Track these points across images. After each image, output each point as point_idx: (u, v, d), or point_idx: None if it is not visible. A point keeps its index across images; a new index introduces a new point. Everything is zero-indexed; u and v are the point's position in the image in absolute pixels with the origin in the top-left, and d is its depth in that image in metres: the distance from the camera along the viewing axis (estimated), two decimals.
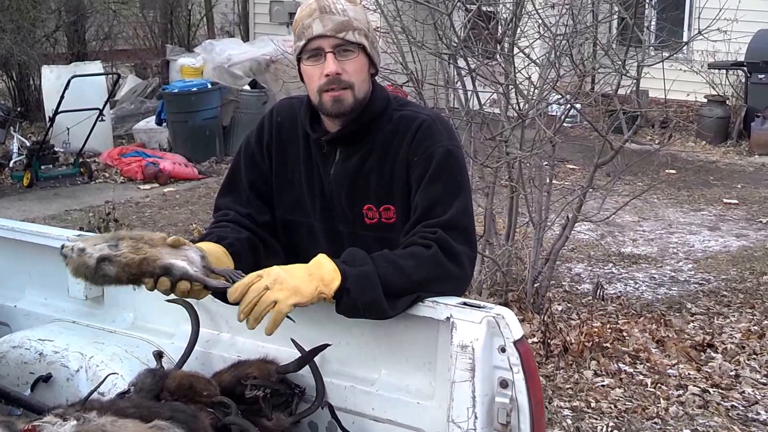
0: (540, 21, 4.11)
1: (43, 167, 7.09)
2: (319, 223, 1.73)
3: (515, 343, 1.46)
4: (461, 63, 4.17)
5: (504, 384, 1.47)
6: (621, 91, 4.28)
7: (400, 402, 1.61)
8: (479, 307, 1.50)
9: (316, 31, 1.58)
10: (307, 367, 1.66)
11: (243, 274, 1.54)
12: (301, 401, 1.68)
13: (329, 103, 1.62)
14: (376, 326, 1.61)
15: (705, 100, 8.93)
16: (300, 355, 1.66)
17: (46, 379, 1.79)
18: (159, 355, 1.73)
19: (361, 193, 1.67)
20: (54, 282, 2.01)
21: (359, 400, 1.65)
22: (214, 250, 1.60)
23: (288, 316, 1.50)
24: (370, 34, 1.64)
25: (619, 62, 4.03)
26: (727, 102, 8.90)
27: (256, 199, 1.75)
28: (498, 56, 4.16)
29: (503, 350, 1.47)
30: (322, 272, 1.50)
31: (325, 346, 1.65)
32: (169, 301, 1.79)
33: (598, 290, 4.47)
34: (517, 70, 4.11)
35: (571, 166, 7.32)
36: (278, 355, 1.69)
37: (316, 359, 1.66)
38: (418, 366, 1.61)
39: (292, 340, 1.67)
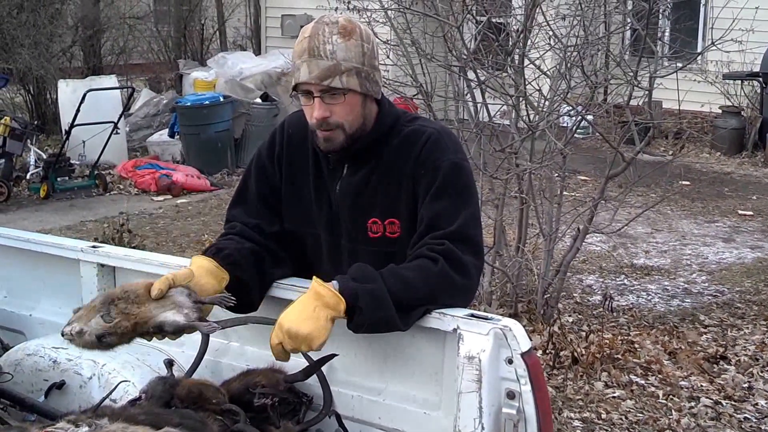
0: (551, 33, 4.11)
1: (59, 179, 7.18)
2: (325, 235, 1.74)
3: (522, 354, 1.47)
4: (471, 75, 4.18)
5: (511, 395, 1.47)
6: (633, 102, 4.27)
7: (407, 412, 1.61)
8: (486, 319, 1.50)
9: (303, 77, 1.60)
10: (314, 376, 1.68)
11: (232, 297, 1.59)
12: (309, 410, 1.70)
13: (321, 142, 1.66)
14: (383, 337, 1.61)
15: (720, 111, 8.88)
16: (308, 364, 1.68)
17: (60, 386, 1.82)
18: (170, 364, 1.75)
19: (366, 207, 1.68)
20: (68, 291, 2.04)
21: (366, 409, 1.66)
22: (204, 267, 1.61)
23: None
24: (365, 67, 1.60)
25: (631, 73, 4.02)
26: (742, 113, 8.85)
27: (266, 210, 1.77)
28: (508, 68, 4.17)
29: (510, 362, 1.47)
30: (326, 301, 1.49)
31: (332, 356, 1.67)
32: None
33: (607, 301, 4.44)
34: (527, 82, 4.12)
35: (583, 178, 7.30)
36: (286, 364, 1.71)
37: (324, 368, 1.68)
38: (425, 376, 1.62)
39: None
